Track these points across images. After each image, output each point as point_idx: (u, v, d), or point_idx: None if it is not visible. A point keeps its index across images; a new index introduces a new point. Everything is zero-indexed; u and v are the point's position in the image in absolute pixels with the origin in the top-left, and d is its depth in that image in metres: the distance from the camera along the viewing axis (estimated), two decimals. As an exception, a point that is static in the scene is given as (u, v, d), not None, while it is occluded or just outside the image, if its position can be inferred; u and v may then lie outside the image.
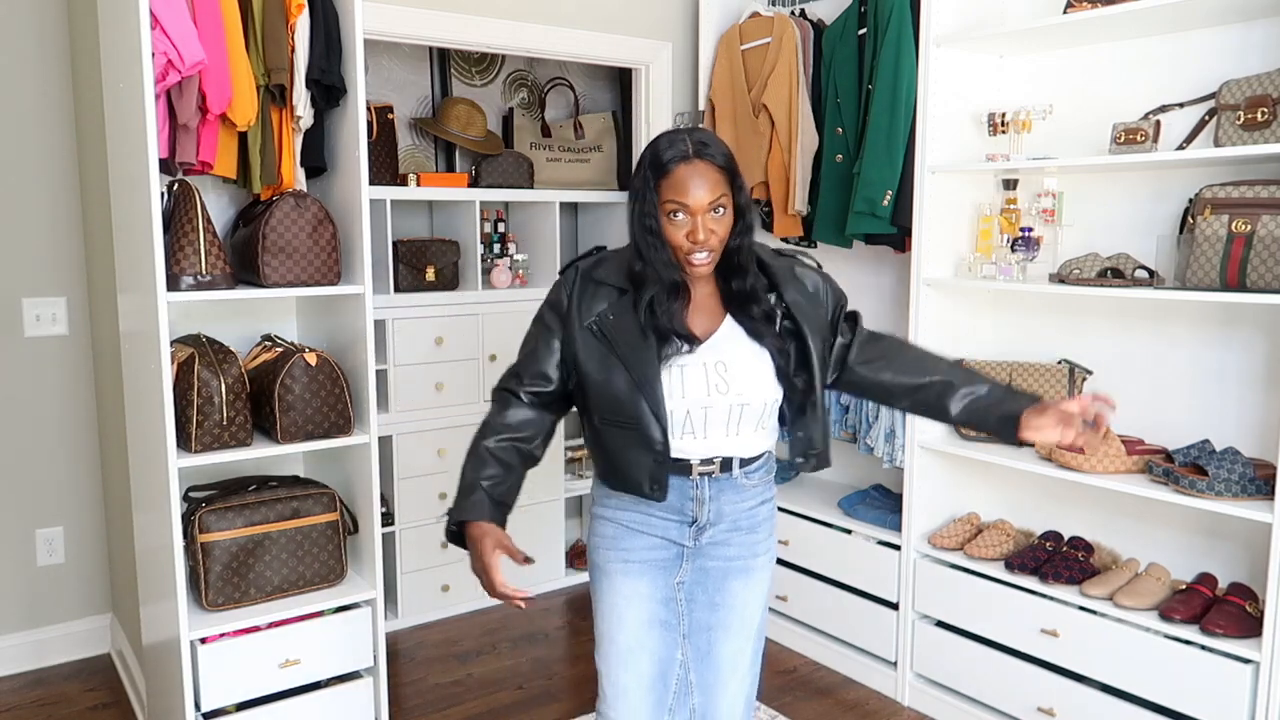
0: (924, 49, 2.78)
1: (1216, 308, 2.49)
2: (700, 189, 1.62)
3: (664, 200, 1.64)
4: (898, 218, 2.91)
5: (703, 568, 1.80)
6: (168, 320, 2.17)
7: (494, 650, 3.32)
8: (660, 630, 1.81)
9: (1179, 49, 2.54)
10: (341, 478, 2.59)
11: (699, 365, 1.70)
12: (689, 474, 1.74)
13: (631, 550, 1.80)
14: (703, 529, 1.78)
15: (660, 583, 1.80)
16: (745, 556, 1.81)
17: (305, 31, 2.37)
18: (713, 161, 1.64)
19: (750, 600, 1.83)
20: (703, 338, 1.72)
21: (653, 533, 1.79)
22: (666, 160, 1.64)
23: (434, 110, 3.87)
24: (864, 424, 3.07)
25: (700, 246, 1.64)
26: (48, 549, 3.14)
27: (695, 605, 1.82)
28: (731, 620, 1.81)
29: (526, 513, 3.68)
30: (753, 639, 1.85)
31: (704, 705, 1.83)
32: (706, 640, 1.82)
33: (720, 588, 1.81)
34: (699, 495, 1.76)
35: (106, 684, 3.04)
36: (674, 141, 1.66)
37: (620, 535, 1.81)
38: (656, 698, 1.81)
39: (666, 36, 3.74)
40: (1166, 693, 2.33)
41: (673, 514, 1.77)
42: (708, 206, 1.63)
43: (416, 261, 3.43)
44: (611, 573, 1.82)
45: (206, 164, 2.29)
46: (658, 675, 1.81)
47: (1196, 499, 2.28)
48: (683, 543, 1.79)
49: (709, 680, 1.83)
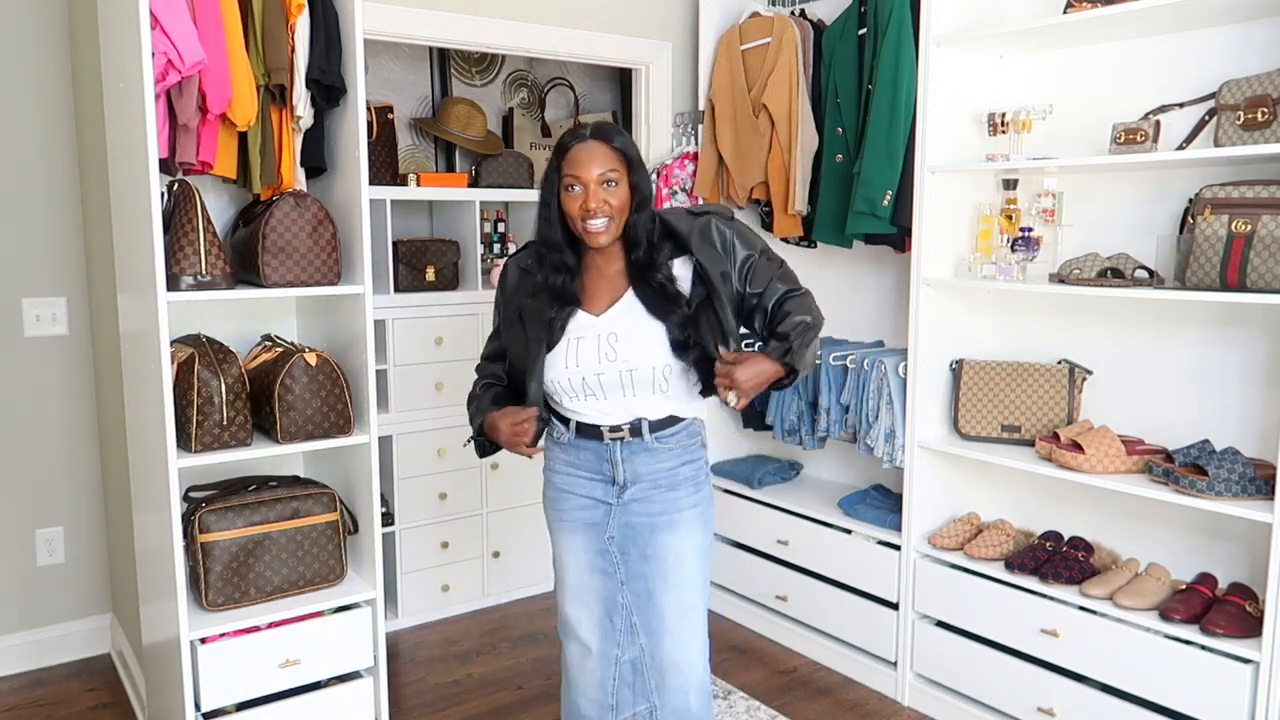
0: (924, 49, 2.78)
1: (1216, 308, 2.49)
2: (592, 163, 1.86)
3: (563, 176, 1.88)
4: (898, 218, 2.91)
5: (629, 524, 2.02)
6: (168, 320, 2.16)
7: (494, 650, 3.32)
8: (600, 576, 2.05)
9: (1179, 49, 2.54)
10: (341, 478, 2.59)
11: (594, 337, 1.93)
12: (602, 439, 1.99)
13: (565, 511, 2.07)
14: (623, 488, 2.01)
15: (593, 536, 2.04)
16: (669, 512, 2.01)
17: (305, 31, 2.37)
18: (607, 142, 1.88)
19: (684, 552, 2.01)
20: (600, 311, 1.95)
21: (580, 493, 2.04)
22: (567, 143, 1.90)
23: (434, 110, 3.88)
24: (864, 424, 3.07)
25: (593, 214, 1.86)
26: (48, 549, 3.14)
27: (629, 557, 2.03)
28: (667, 573, 2.00)
29: (525, 512, 3.69)
30: (696, 590, 2.03)
31: (650, 646, 2.04)
32: (645, 588, 2.02)
33: (650, 541, 2.01)
34: (613, 458, 2.00)
35: (106, 684, 3.04)
36: (577, 130, 1.91)
37: (556, 497, 2.08)
38: (604, 631, 2.06)
39: (666, 36, 3.74)
40: (1166, 693, 2.33)
41: (595, 474, 2.02)
42: (598, 179, 1.85)
43: (416, 261, 3.43)
44: (555, 528, 2.11)
45: (206, 164, 2.29)
46: (604, 613, 2.05)
47: (1196, 499, 2.28)
48: (608, 500, 2.02)
49: (653, 625, 2.02)
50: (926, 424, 2.91)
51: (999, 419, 2.81)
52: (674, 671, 2.02)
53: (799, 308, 1.96)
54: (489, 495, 3.61)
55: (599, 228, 1.87)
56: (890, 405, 2.98)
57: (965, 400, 2.85)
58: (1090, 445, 2.50)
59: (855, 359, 3.10)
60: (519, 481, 3.66)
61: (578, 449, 2.03)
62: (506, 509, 3.65)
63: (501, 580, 3.68)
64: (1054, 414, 2.73)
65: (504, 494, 3.63)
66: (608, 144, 1.88)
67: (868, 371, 3.04)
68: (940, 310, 2.88)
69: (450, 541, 3.53)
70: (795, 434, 3.37)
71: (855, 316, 3.45)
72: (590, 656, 2.07)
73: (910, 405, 2.90)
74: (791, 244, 3.50)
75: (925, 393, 2.90)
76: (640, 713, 2.07)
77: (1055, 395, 2.74)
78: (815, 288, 3.55)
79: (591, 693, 2.08)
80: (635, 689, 2.07)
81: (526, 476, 3.66)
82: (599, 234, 1.88)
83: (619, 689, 2.07)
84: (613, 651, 2.06)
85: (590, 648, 2.06)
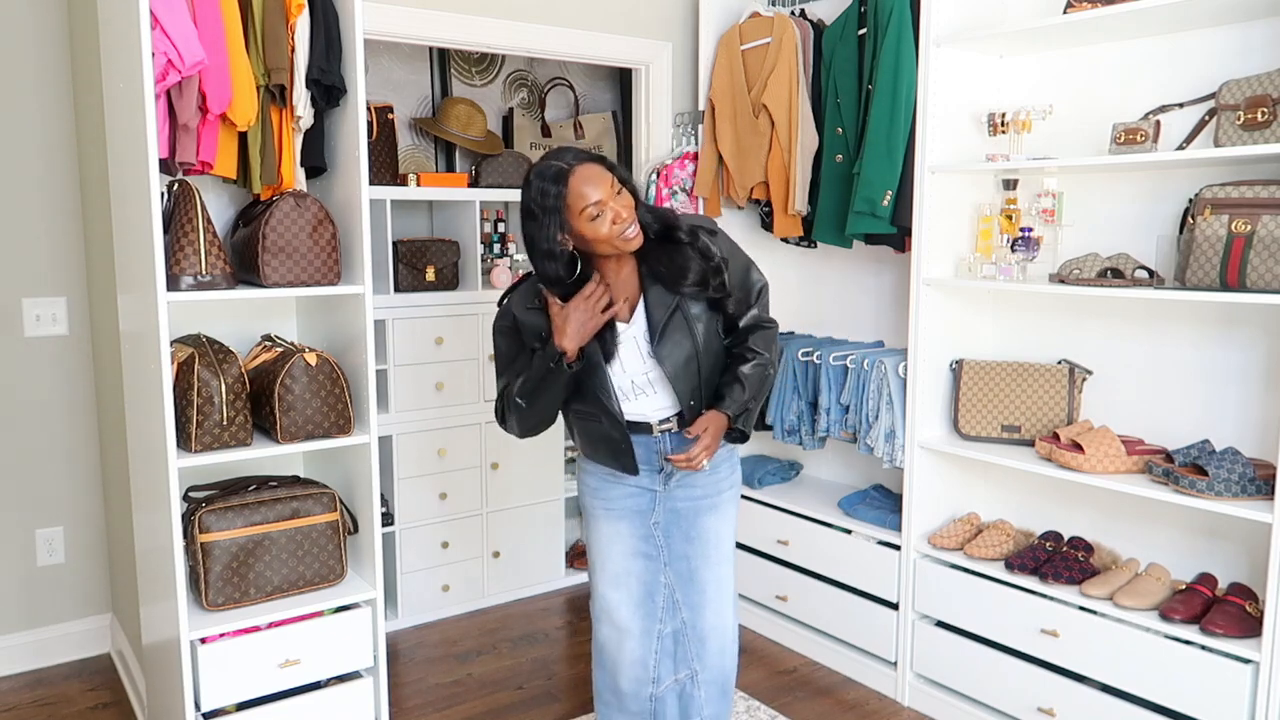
0: (924, 49, 2.78)
1: (1216, 308, 2.49)
2: (601, 182, 1.92)
3: (581, 209, 1.90)
4: (898, 218, 2.91)
5: (674, 509, 2.15)
6: (168, 320, 2.17)
7: (494, 650, 3.32)
8: (643, 560, 2.16)
9: (1179, 49, 2.54)
10: (341, 478, 2.60)
11: (630, 340, 2.05)
12: (651, 433, 2.10)
13: (611, 499, 2.16)
14: (670, 475, 2.13)
15: (638, 523, 2.15)
16: (711, 495, 2.17)
17: (305, 31, 2.37)
18: (594, 161, 1.95)
19: (722, 531, 2.19)
20: (628, 318, 2.05)
21: (628, 482, 2.14)
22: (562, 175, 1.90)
23: (434, 110, 3.88)
24: (864, 424, 3.07)
25: (626, 222, 1.94)
26: (48, 549, 3.14)
27: (673, 539, 2.16)
28: (709, 551, 2.17)
29: (527, 512, 3.69)
30: (730, 563, 2.23)
31: (692, 618, 2.19)
32: (687, 567, 2.17)
33: (694, 523, 2.16)
34: (662, 449, 2.12)
35: (106, 684, 3.04)
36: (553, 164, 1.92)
37: (600, 486, 2.17)
38: (645, 612, 2.17)
39: (666, 36, 3.74)
40: (1166, 693, 2.33)
41: (643, 464, 2.12)
42: (612, 191, 1.93)
43: (416, 261, 3.43)
44: (597, 516, 2.19)
45: (206, 164, 2.29)
46: (645, 595, 2.17)
47: (1196, 499, 2.28)
48: (654, 488, 2.14)
49: (694, 600, 2.18)
50: (926, 424, 2.91)
51: (999, 419, 2.81)
52: (713, 636, 2.20)
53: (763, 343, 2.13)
54: (489, 495, 3.61)
55: (634, 233, 1.96)
56: (890, 405, 2.98)
57: (965, 400, 2.85)
58: (1090, 445, 2.50)
59: (855, 359, 3.10)
60: (519, 481, 3.67)
61: None
62: (506, 509, 3.65)
63: (501, 580, 3.68)
64: (1054, 414, 2.73)
65: (504, 494, 3.63)
66: (596, 162, 1.95)
67: (868, 371, 3.05)
68: (940, 310, 2.88)
69: (450, 541, 3.53)
70: (795, 434, 3.37)
71: (855, 316, 3.45)
72: (630, 637, 2.18)
73: (910, 405, 2.90)
74: (791, 244, 3.50)
75: (925, 393, 2.90)
76: (681, 679, 2.22)
77: (1055, 395, 2.74)
78: (815, 288, 3.59)
79: (631, 670, 2.19)
80: (676, 658, 2.21)
81: (527, 476, 3.66)
82: (635, 238, 1.97)
83: (660, 661, 2.20)
84: (654, 628, 2.18)
85: (630, 629, 2.17)
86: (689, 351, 2.03)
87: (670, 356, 2.02)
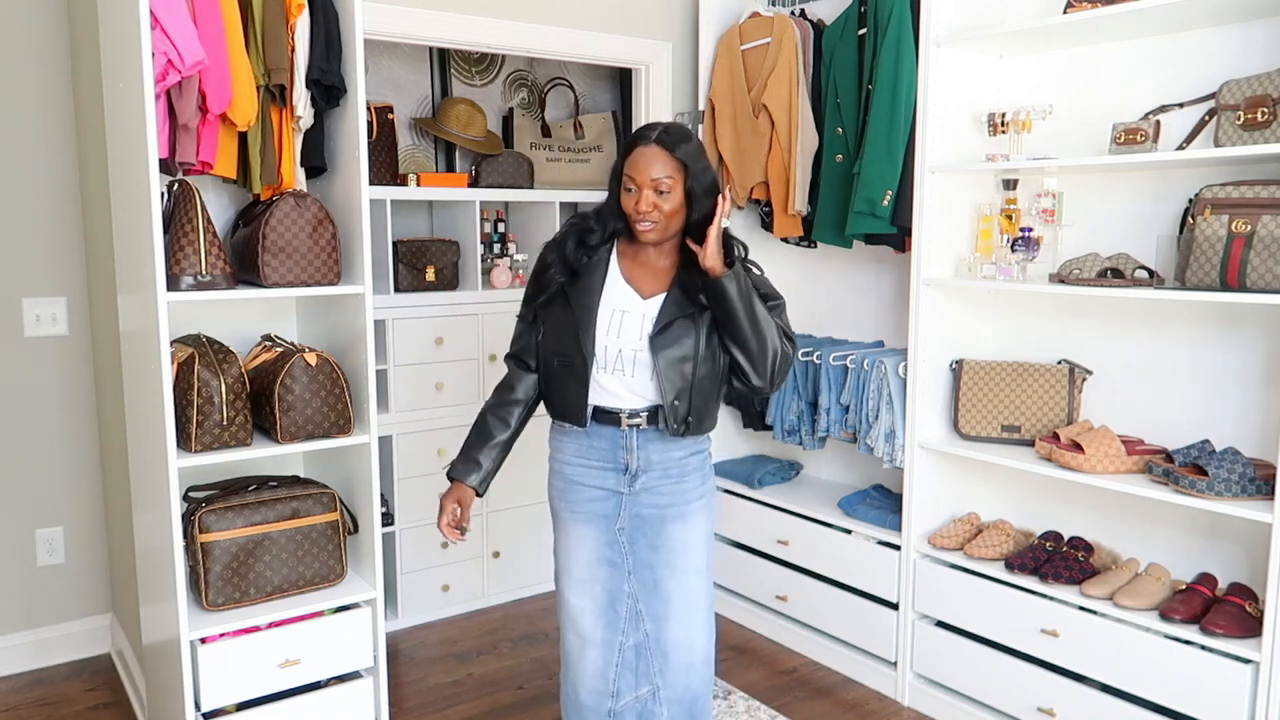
0: (924, 49, 2.78)
1: (1216, 308, 2.49)
2: (649, 167, 1.93)
3: (623, 175, 1.97)
4: (898, 218, 2.91)
5: (639, 515, 2.09)
6: (168, 320, 2.16)
7: (494, 650, 3.32)
8: (608, 567, 2.10)
9: (1179, 49, 2.54)
10: (341, 478, 2.59)
11: (637, 316, 2.02)
12: (619, 425, 2.04)
13: (577, 503, 2.12)
14: (635, 475, 2.07)
15: (604, 528, 2.10)
16: (678, 504, 2.09)
17: (305, 31, 2.37)
18: (668, 149, 1.94)
19: (690, 541, 2.10)
20: (647, 295, 2.03)
21: (591, 484, 2.10)
22: (633, 141, 1.98)
23: (434, 110, 3.87)
24: (864, 424, 3.07)
25: (643, 217, 1.95)
26: (48, 549, 3.14)
27: (637, 547, 2.10)
28: (675, 560, 2.09)
29: (526, 512, 3.68)
30: (700, 575, 2.12)
31: (655, 631, 2.10)
32: (652, 577, 2.09)
33: (659, 532, 2.09)
34: (628, 444, 2.06)
35: (106, 684, 3.04)
36: (646, 130, 1.98)
37: (566, 489, 2.13)
38: (608, 620, 2.11)
39: (666, 36, 3.73)
40: (1166, 693, 2.33)
41: (608, 463, 2.08)
42: (652, 184, 1.93)
43: (416, 261, 3.43)
44: (564, 519, 2.15)
45: (206, 164, 2.29)
46: (608, 602, 2.11)
47: (1196, 499, 2.28)
48: (619, 490, 2.08)
49: (658, 611, 2.10)
50: (926, 424, 2.91)
51: (999, 419, 2.81)
52: (676, 652, 2.10)
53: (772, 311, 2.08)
54: (489, 495, 3.59)
55: (647, 229, 1.97)
56: (890, 405, 2.98)
57: (965, 400, 2.85)
58: (1090, 445, 2.50)
59: (855, 359, 3.10)
60: (519, 482, 3.66)
61: (590, 437, 2.07)
62: (506, 509, 3.65)
63: (501, 580, 3.68)
64: (1054, 414, 2.73)
65: (504, 494, 3.63)
66: (669, 151, 1.94)
67: (868, 372, 3.05)
68: (940, 310, 2.88)
69: (450, 541, 3.53)
70: (795, 434, 3.37)
71: (855, 316, 3.45)
72: (591, 646, 2.11)
73: (910, 405, 2.90)
74: (791, 244, 3.50)
75: (925, 393, 2.90)
76: (642, 695, 2.13)
77: (1055, 395, 2.74)
78: (815, 288, 3.59)
79: (590, 682, 2.12)
80: (638, 672, 2.12)
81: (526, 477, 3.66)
82: (647, 233, 1.98)
83: (620, 675, 2.12)
84: (616, 639, 2.11)
85: (592, 638, 2.11)
86: (686, 352, 2.00)
87: (665, 349, 1.99)
